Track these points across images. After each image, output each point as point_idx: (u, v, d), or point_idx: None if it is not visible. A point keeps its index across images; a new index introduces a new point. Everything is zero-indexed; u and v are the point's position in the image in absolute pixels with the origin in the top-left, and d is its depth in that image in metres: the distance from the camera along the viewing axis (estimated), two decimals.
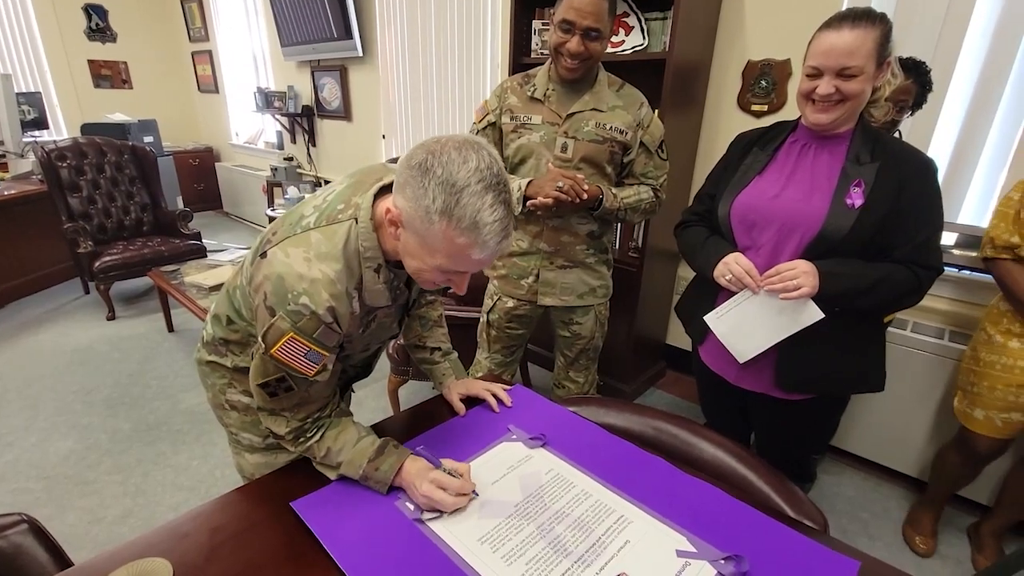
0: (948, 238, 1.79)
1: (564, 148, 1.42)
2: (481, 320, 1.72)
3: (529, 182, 1.40)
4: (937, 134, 1.79)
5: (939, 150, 1.79)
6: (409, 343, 1.19)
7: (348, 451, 0.86)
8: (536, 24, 2.40)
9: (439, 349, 1.17)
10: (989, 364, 1.44)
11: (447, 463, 0.85)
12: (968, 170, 1.76)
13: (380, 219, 0.80)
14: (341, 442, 0.87)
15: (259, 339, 0.80)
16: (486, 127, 1.50)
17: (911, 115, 1.52)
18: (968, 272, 1.73)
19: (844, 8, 1.87)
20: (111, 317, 3.25)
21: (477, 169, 0.69)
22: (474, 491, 0.84)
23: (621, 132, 1.42)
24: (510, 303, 1.62)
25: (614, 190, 1.46)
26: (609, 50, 2.20)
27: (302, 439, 0.88)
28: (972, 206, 1.78)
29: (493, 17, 2.99)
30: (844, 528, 1.76)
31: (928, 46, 1.71)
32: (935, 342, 1.75)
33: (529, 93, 1.45)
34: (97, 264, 3.14)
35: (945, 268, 1.31)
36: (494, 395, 1.09)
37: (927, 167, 1.11)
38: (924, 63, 1.43)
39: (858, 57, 1.03)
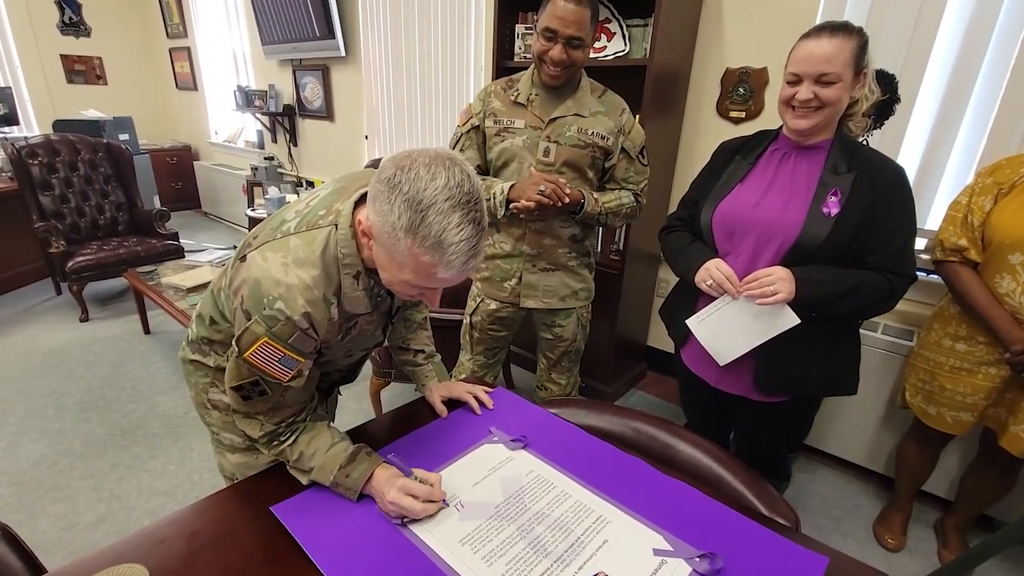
0: (918, 243, 1.85)
1: (546, 152, 1.44)
2: (464, 322, 1.73)
3: (512, 185, 1.41)
4: (906, 143, 1.85)
5: (908, 159, 1.85)
6: (393, 345, 1.19)
7: (320, 456, 0.86)
8: (519, 28, 2.42)
9: (422, 352, 1.18)
10: (938, 365, 1.49)
11: (418, 472, 0.84)
12: (935, 178, 1.82)
13: (359, 231, 0.81)
14: (314, 447, 0.87)
15: (233, 342, 0.80)
16: (469, 130, 1.51)
17: (880, 127, 1.57)
18: (935, 276, 1.79)
19: (819, 19, 1.94)
20: (84, 319, 3.17)
21: (445, 187, 0.68)
22: (444, 500, 0.82)
23: (603, 138, 1.44)
24: (493, 305, 1.63)
25: (595, 195, 1.48)
26: (591, 55, 2.23)
27: (275, 443, 0.88)
28: (939, 212, 1.84)
29: (476, 20, 3.00)
30: (817, 524, 1.81)
31: (897, 59, 1.77)
32: (905, 344, 1.80)
33: (513, 98, 1.46)
34: (70, 264, 3.06)
35: (919, 275, 1.36)
36: (476, 398, 1.10)
37: (900, 177, 1.16)
38: (893, 75, 1.48)
39: (836, 64, 1.08)
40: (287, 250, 0.79)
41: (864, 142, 1.26)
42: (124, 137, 4.53)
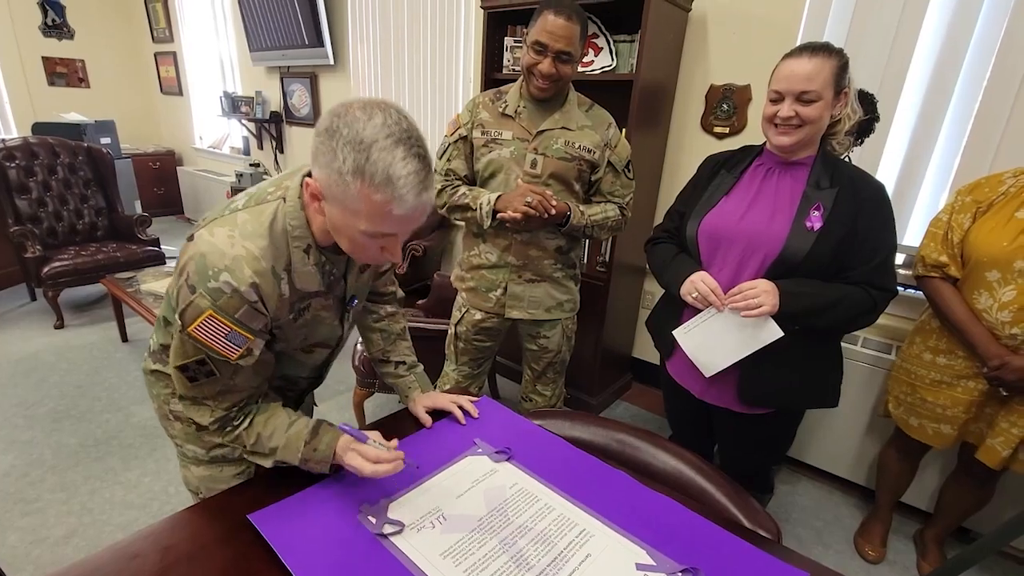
0: (898, 258, 1.89)
1: (533, 164, 1.45)
2: (449, 332, 1.72)
3: (499, 196, 1.42)
4: (884, 160, 1.90)
5: (886, 175, 1.90)
6: (373, 358, 1.18)
7: (281, 436, 0.85)
8: (508, 41, 2.44)
9: (403, 363, 1.17)
10: (920, 378, 1.52)
11: (373, 435, 0.85)
12: (912, 194, 1.87)
13: (308, 198, 0.80)
14: (271, 427, 0.86)
15: (176, 316, 0.78)
16: (457, 140, 1.51)
17: (860, 144, 1.60)
18: (912, 291, 1.83)
19: (800, 40, 1.99)
20: (59, 325, 3.09)
21: (384, 125, 0.69)
22: (406, 461, 0.84)
23: (589, 151, 1.46)
24: (478, 315, 1.62)
25: (582, 207, 1.48)
26: (579, 69, 2.25)
27: (228, 428, 0.86)
28: (917, 228, 1.89)
29: (466, 32, 3.02)
30: (799, 536, 1.82)
31: (875, 79, 1.82)
32: (887, 358, 1.83)
33: (501, 109, 1.47)
34: (46, 270, 2.99)
35: (899, 289, 1.38)
36: (460, 407, 1.09)
37: (881, 193, 1.18)
38: (872, 95, 1.52)
39: (816, 83, 1.11)
40: (235, 225, 0.78)
41: (846, 159, 1.28)
42: (106, 141, 4.46)
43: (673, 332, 1.33)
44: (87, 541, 1.65)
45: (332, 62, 3.78)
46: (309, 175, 0.80)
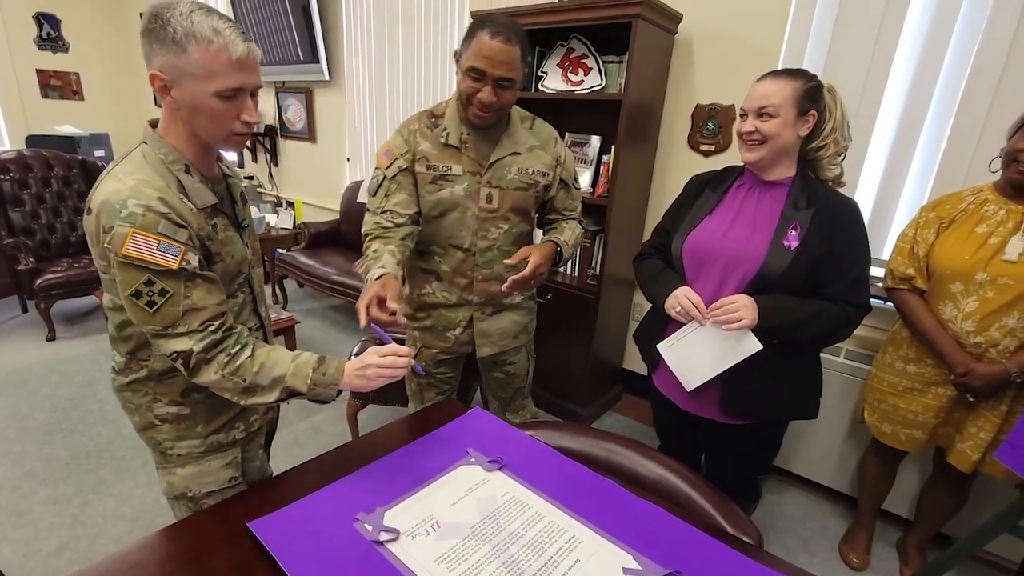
0: (876, 272, 1.95)
1: (489, 199, 1.34)
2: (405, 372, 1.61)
3: (379, 277, 1.16)
4: (862, 180, 1.97)
5: (864, 195, 1.97)
6: None
7: (287, 364, 0.91)
8: None
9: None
10: (892, 385, 1.58)
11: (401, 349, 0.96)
12: (889, 212, 1.94)
13: (163, 128, 0.90)
14: (275, 358, 0.91)
15: (112, 258, 0.83)
16: (397, 174, 1.32)
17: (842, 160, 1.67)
18: (889, 303, 1.89)
19: (781, 61, 2.07)
20: (51, 338, 3.09)
21: (190, 2, 0.82)
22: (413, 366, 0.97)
23: (543, 174, 1.39)
24: (435, 350, 1.53)
25: (559, 237, 1.41)
26: (568, 88, 2.32)
27: (221, 356, 0.88)
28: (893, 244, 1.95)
29: None
30: (785, 544, 1.86)
31: (852, 103, 1.89)
32: (865, 367, 1.88)
33: (442, 140, 1.32)
34: (38, 282, 3.00)
35: (874, 302, 1.44)
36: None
37: (855, 213, 1.24)
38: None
39: (773, 100, 1.19)
40: (116, 176, 0.85)
41: (829, 182, 1.34)
42: (100, 153, 4.47)
43: (657, 346, 1.37)
44: (80, 554, 1.66)
45: (327, 77, 3.84)
46: (154, 124, 0.92)
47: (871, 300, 1.28)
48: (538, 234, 1.60)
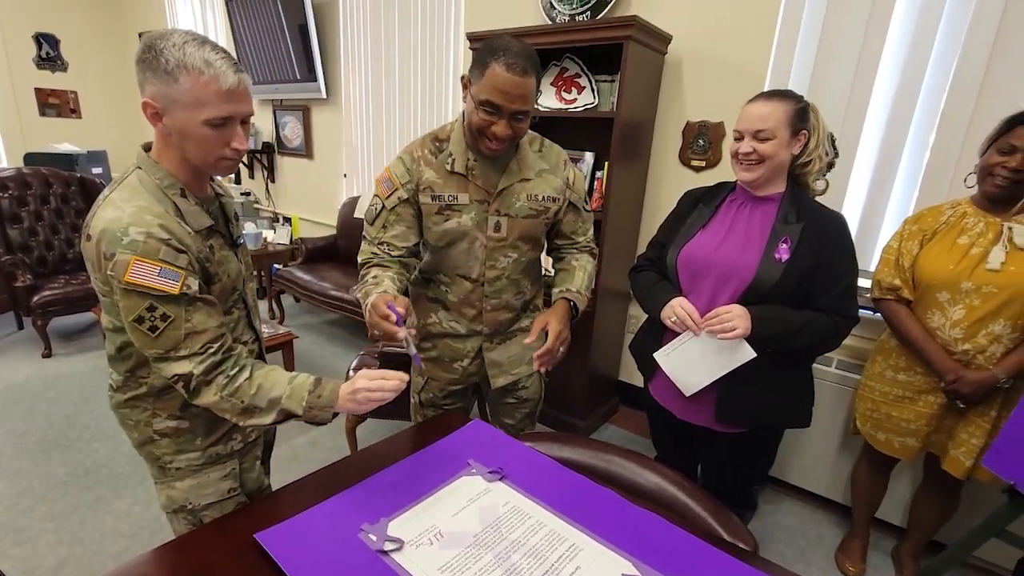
0: (863, 283, 2.00)
1: (497, 227, 1.29)
2: (412, 401, 1.52)
3: (374, 299, 1.12)
4: (849, 195, 2.02)
5: (851, 209, 2.02)
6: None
7: (284, 386, 0.92)
8: None
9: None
10: (884, 394, 1.61)
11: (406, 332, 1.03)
12: (876, 225, 1.99)
13: (156, 153, 0.93)
14: (273, 380, 0.93)
15: (110, 280, 0.85)
16: (396, 206, 1.25)
17: (826, 174, 1.72)
18: (878, 314, 1.93)
19: (767, 80, 2.13)
20: (47, 354, 3.09)
21: (186, 33, 0.85)
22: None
23: (553, 200, 1.33)
24: (442, 381, 1.47)
25: (572, 287, 1.35)
26: (562, 106, 2.38)
27: (220, 378, 0.90)
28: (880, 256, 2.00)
29: (455, 66, 3.16)
30: (782, 554, 1.87)
31: (836, 121, 1.95)
32: (856, 377, 1.91)
33: (448, 167, 1.25)
34: (35, 299, 3.00)
35: (862, 313, 1.48)
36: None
37: (842, 227, 1.29)
38: (831, 134, 1.65)
39: (769, 122, 1.23)
40: (113, 203, 0.88)
41: (814, 197, 1.39)
42: (98, 171, 4.50)
43: (654, 355, 1.40)
44: (79, 571, 1.65)
45: (324, 95, 3.89)
46: (147, 148, 0.94)
47: (859, 311, 1.32)
48: (547, 260, 1.54)
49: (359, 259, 1.30)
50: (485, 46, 1.13)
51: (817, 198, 1.37)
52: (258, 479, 1.18)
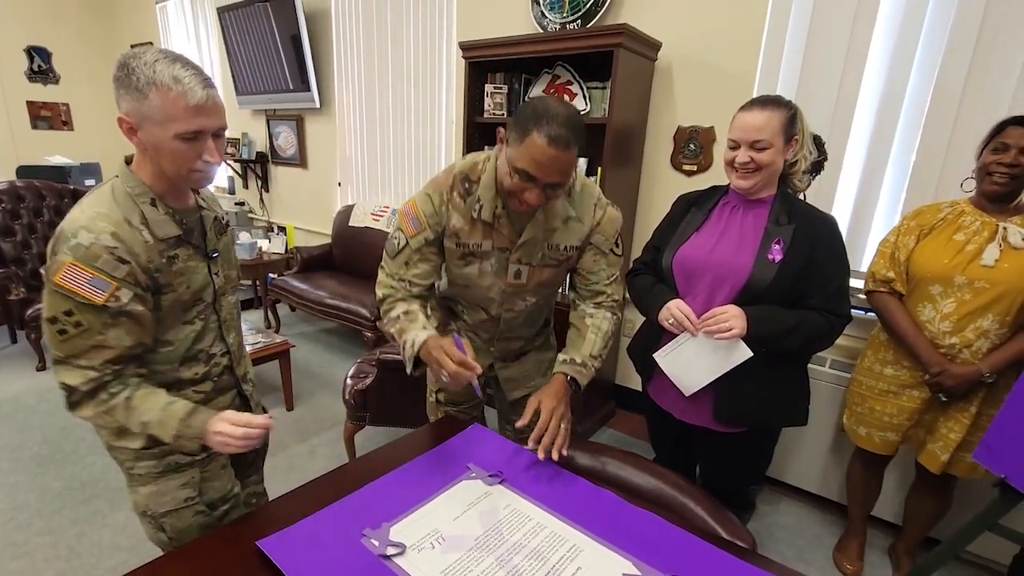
0: (855, 284, 2.02)
1: (518, 275, 1.26)
2: (429, 400, 1.53)
3: (424, 341, 1.12)
4: (838, 196, 2.06)
5: (841, 209, 2.06)
6: None
7: (156, 412, 0.91)
8: (488, 88, 2.59)
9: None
10: (869, 388, 1.64)
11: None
12: (866, 224, 2.02)
13: (135, 165, 0.95)
14: (149, 403, 0.92)
15: (43, 274, 0.87)
16: (421, 246, 1.21)
17: (814, 177, 1.75)
18: (873, 314, 1.96)
19: (756, 86, 2.16)
20: (41, 367, 3.07)
21: (159, 51, 0.88)
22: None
23: (576, 249, 1.27)
24: (452, 393, 1.46)
25: (577, 358, 1.26)
26: None
27: (102, 394, 0.90)
28: (871, 255, 2.03)
29: (448, 77, 3.18)
30: (781, 553, 1.88)
31: (824, 123, 1.99)
32: (847, 375, 1.93)
33: (474, 213, 1.19)
34: (29, 312, 2.98)
35: (855, 313, 1.50)
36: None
37: (833, 228, 1.32)
38: (819, 136, 1.68)
39: (766, 132, 1.25)
40: (80, 206, 0.91)
41: (803, 196, 1.42)
42: (91, 182, 4.49)
43: (654, 355, 1.42)
44: None
45: (318, 105, 3.91)
46: (128, 160, 0.97)
47: (851, 310, 1.34)
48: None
49: (378, 292, 1.27)
50: (529, 109, 1.02)
51: (808, 199, 1.39)
52: (224, 486, 1.14)
